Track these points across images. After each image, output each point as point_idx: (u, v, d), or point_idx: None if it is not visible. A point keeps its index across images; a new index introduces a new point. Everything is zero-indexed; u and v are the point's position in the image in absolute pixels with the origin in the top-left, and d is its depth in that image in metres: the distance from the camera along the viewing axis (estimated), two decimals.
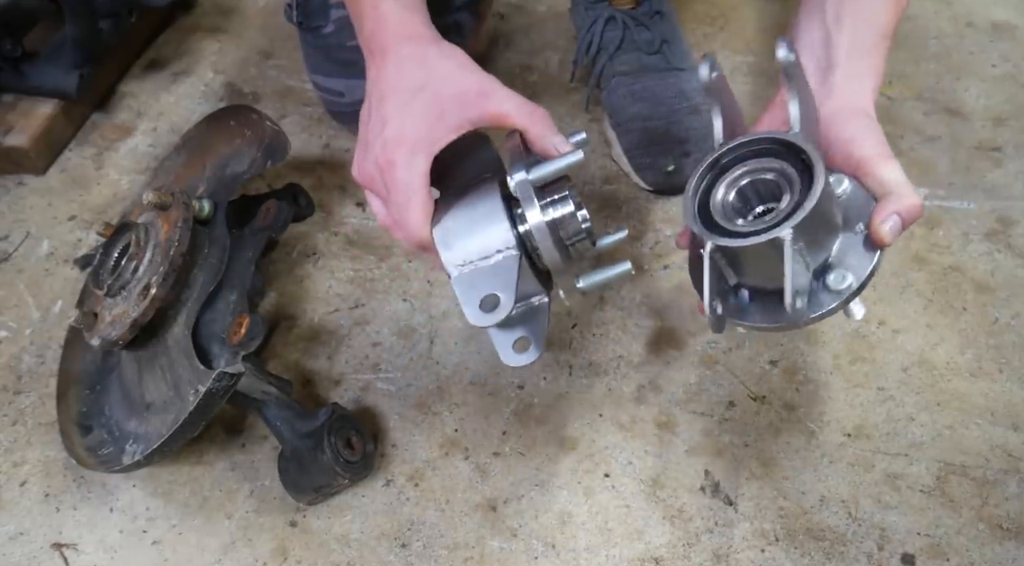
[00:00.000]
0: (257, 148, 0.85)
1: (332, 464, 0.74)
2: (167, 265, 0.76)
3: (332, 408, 0.78)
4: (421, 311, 0.92)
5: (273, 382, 0.77)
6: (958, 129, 1.03)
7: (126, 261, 0.79)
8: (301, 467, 0.76)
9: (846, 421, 0.80)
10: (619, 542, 0.75)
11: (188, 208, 0.79)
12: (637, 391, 0.84)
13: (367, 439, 0.79)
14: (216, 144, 0.90)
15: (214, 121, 0.93)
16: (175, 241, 0.77)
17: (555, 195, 0.65)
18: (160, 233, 0.78)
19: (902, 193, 0.61)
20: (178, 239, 0.77)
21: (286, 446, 0.77)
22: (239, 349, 0.73)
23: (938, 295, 0.88)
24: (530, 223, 0.63)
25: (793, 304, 0.57)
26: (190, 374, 0.73)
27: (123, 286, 0.78)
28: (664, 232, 0.96)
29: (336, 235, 0.99)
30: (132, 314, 0.75)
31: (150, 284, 0.76)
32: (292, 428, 0.77)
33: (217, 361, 0.75)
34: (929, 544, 0.73)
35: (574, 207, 0.65)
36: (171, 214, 0.79)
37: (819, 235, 0.59)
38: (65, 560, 0.77)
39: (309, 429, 0.76)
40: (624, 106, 1.00)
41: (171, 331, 0.77)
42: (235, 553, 0.77)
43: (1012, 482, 0.76)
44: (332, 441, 0.75)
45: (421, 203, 0.66)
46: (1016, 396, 0.81)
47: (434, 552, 0.76)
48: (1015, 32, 1.13)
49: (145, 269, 0.77)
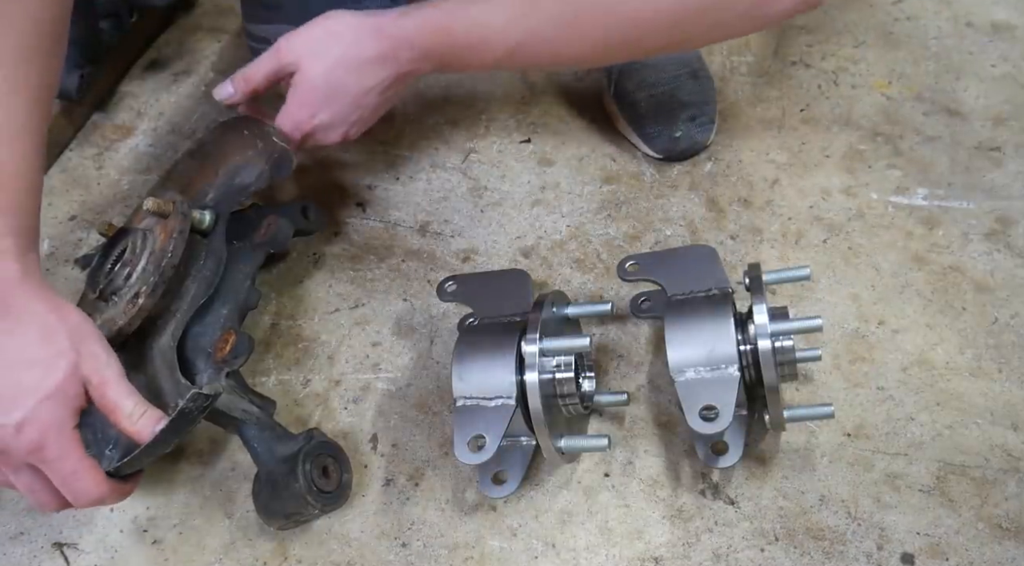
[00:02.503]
0: (266, 161, 0.85)
1: (304, 492, 0.73)
2: (158, 276, 0.75)
3: (311, 433, 0.77)
4: (421, 311, 0.92)
5: (255, 401, 0.76)
6: (958, 129, 1.03)
7: (120, 267, 0.78)
8: (274, 492, 0.74)
9: (846, 421, 0.80)
10: (619, 542, 0.75)
11: (186, 219, 0.79)
12: (637, 391, 0.84)
13: (344, 468, 0.78)
14: (229, 152, 0.89)
15: (228, 129, 0.92)
16: (168, 252, 0.76)
17: (563, 358, 0.75)
18: (157, 242, 0.78)
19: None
20: (171, 250, 0.76)
21: (262, 468, 0.75)
22: (223, 366, 0.72)
23: (938, 295, 0.88)
24: (527, 382, 0.70)
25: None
26: (171, 387, 0.73)
27: (114, 291, 0.77)
28: (664, 232, 0.96)
29: (336, 235, 0.99)
30: (119, 322, 0.75)
31: (139, 293, 0.75)
32: (269, 450, 0.75)
33: (201, 376, 0.74)
34: (928, 544, 0.73)
35: (574, 375, 0.75)
36: (169, 223, 0.78)
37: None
38: (66, 559, 0.77)
39: (286, 453, 0.75)
40: (629, 75, 1.02)
41: (158, 341, 0.76)
42: (235, 553, 0.77)
43: (1012, 482, 0.76)
44: (307, 469, 0.74)
45: (91, 464, 0.66)
46: (1016, 396, 0.81)
47: (434, 552, 0.76)
48: (1015, 32, 1.13)
49: (137, 277, 0.77)
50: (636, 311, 0.88)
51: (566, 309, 0.80)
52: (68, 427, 0.64)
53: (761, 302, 0.71)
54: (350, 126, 0.88)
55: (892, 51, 1.12)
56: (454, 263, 0.96)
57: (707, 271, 0.80)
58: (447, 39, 0.82)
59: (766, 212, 0.96)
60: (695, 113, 1.00)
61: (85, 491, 0.65)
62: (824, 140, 1.03)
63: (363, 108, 0.86)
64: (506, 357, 0.72)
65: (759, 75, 1.11)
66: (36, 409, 0.63)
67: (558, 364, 0.75)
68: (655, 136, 1.00)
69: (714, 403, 0.68)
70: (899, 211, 0.95)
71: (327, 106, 0.85)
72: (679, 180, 1.01)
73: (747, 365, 0.73)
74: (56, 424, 0.63)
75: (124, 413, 0.66)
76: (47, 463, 0.64)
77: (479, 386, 0.72)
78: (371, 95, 0.85)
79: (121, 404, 0.66)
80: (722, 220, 0.96)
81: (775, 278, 0.77)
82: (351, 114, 0.86)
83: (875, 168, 0.99)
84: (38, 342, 0.64)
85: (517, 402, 0.71)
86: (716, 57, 1.11)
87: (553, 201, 1.00)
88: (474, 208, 1.00)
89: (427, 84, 1.13)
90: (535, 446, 0.75)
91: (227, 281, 0.80)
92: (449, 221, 0.99)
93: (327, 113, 0.85)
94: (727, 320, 0.73)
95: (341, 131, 0.88)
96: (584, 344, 0.72)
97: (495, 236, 0.98)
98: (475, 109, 1.11)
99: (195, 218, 0.80)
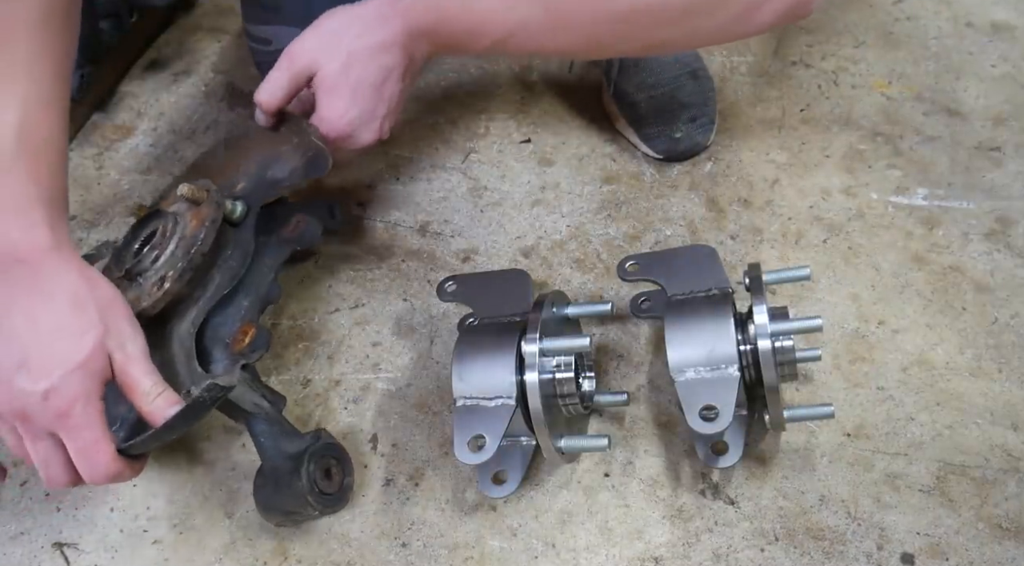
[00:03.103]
0: (300, 158, 0.84)
1: (306, 492, 0.73)
2: (186, 262, 0.75)
3: (318, 434, 0.77)
4: (421, 311, 0.92)
5: (267, 396, 0.76)
6: (958, 129, 1.03)
7: (148, 249, 0.78)
8: (276, 488, 0.74)
9: (846, 421, 0.80)
10: (619, 542, 0.75)
11: (219, 208, 0.78)
12: (637, 391, 0.84)
13: (348, 471, 0.78)
14: (262, 144, 0.88)
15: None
16: (199, 239, 0.76)
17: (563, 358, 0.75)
18: (187, 228, 0.77)
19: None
20: (202, 238, 0.76)
21: (267, 463, 0.75)
22: (240, 358, 0.72)
23: (937, 295, 0.88)
24: (527, 382, 0.71)
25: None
26: (186, 373, 0.73)
27: (140, 272, 0.77)
28: (664, 232, 0.96)
29: (336, 235, 0.99)
30: (143, 303, 0.75)
31: (165, 277, 0.75)
32: (276, 446, 0.75)
33: (216, 365, 0.74)
34: (928, 544, 0.73)
35: (574, 375, 0.75)
36: (202, 211, 0.78)
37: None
38: (66, 559, 0.77)
39: (292, 451, 0.75)
40: (628, 76, 1.02)
41: (178, 327, 0.77)
42: (235, 553, 0.77)
43: (1012, 482, 0.76)
44: (311, 469, 0.74)
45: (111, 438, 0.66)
46: (1015, 396, 0.81)
47: (434, 552, 0.76)
48: (1014, 32, 1.13)
49: (165, 261, 0.76)
50: (636, 311, 0.88)
51: (566, 309, 0.80)
52: (95, 397, 0.64)
53: (761, 302, 0.71)
54: (381, 121, 0.86)
55: (892, 51, 1.12)
56: (454, 263, 0.96)
57: (707, 271, 0.80)
58: (444, 20, 0.82)
59: (766, 212, 0.96)
60: (695, 114, 1.00)
61: (103, 464, 0.65)
62: (824, 140, 1.03)
63: (387, 99, 0.85)
64: (506, 357, 0.73)
65: (759, 75, 1.11)
66: (65, 378, 0.63)
67: (558, 364, 0.75)
68: (655, 137, 1.01)
69: (714, 403, 0.68)
70: (899, 211, 0.95)
71: (353, 102, 0.83)
72: (679, 180, 1.01)
73: (747, 365, 0.73)
74: (84, 394, 0.64)
75: (142, 391, 0.66)
76: (69, 431, 0.64)
77: (479, 386, 0.72)
78: (390, 83, 0.84)
79: (140, 382, 0.66)
80: (722, 220, 0.96)
81: (775, 278, 0.77)
82: (378, 107, 0.85)
83: (875, 168, 0.99)
84: (69, 312, 0.65)
85: (517, 402, 0.71)
86: (716, 57, 1.11)
87: (553, 201, 1.00)
88: (474, 208, 1.01)
89: (427, 84, 1.13)
90: (535, 446, 0.75)
91: (251, 274, 0.79)
92: (449, 221, 1.00)
93: (355, 109, 0.83)
94: (727, 320, 0.73)
95: (374, 128, 0.86)
96: (584, 344, 0.73)
97: (495, 236, 0.98)
98: (475, 109, 1.11)
99: (227, 208, 0.80)
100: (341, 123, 0.84)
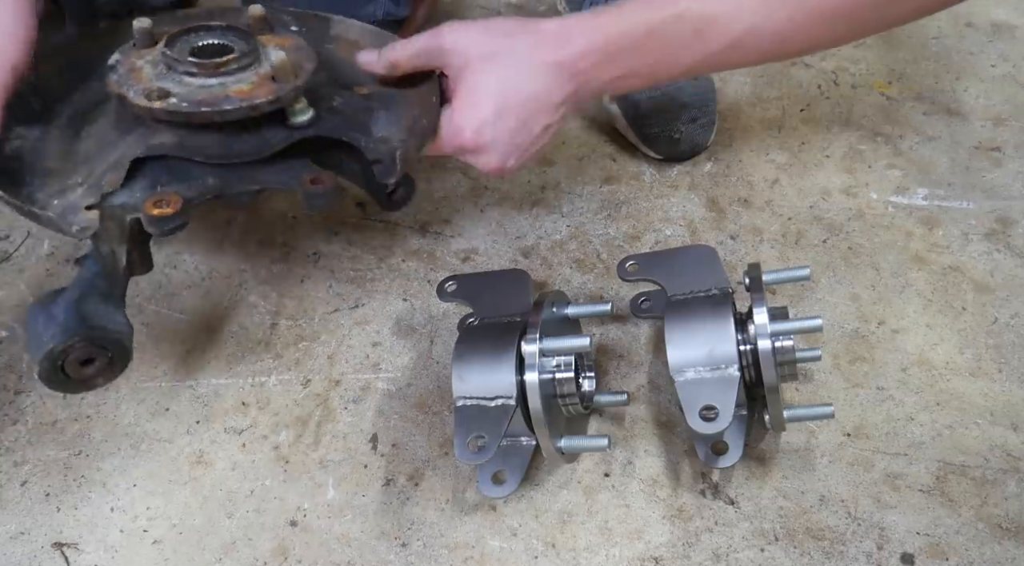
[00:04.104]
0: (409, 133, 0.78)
1: (46, 358, 0.63)
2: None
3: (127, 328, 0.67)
4: (421, 311, 0.92)
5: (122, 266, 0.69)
6: (958, 129, 1.03)
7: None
8: (43, 326, 0.64)
9: (846, 421, 0.80)
10: (619, 542, 0.75)
11: (301, 75, 0.74)
12: (637, 391, 0.84)
13: (110, 376, 0.68)
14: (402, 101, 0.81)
15: (428, 78, 0.83)
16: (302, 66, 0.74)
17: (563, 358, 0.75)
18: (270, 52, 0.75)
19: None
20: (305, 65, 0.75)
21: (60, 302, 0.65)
22: (152, 224, 0.67)
23: (937, 295, 0.88)
24: (527, 382, 0.71)
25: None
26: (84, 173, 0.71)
27: (244, 67, 0.73)
28: (664, 232, 0.96)
29: (336, 235, 0.99)
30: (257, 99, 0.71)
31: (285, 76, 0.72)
32: (84, 300, 0.66)
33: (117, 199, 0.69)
34: (928, 543, 0.73)
35: (574, 375, 0.75)
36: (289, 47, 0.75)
37: None
38: (66, 559, 0.77)
39: (96, 321, 0.65)
40: None
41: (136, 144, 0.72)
42: (235, 553, 0.77)
43: (1011, 482, 0.76)
44: (71, 345, 0.64)
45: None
46: (1015, 396, 0.81)
47: (434, 552, 0.76)
48: (1015, 32, 1.13)
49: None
50: (636, 311, 0.88)
51: (566, 309, 0.80)
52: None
53: (761, 302, 0.71)
54: (509, 156, 0.78)
55: (892, 51, 1.12)
56: (454, 263, 0.96)
57: (707, 271, 0.80)
58: (626, 76, 0.77)
59: (766, 212, 0.96)
60: (695, 114, 1.00)
61: None
62: (824, 140, 1.03)
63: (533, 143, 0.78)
64: (506, 357, 0.73)
65: (759, 75, 1.11)
66: None
67: (558, 364, 0.75)
68: (655, 137, 1.01)
69: (714, 403, 0.69)
70: (899, 211, 0.95)
71: (493, 123, 0.76)
72: (679, 180, 1.01)
73: (747, 365, 0.73)
74: None
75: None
76: None
77: (479, 386, 0.72)
78: (546, 133, 0.79)
79: None
80: (722, 220, 0.96)
81: (775, 278, 0.77)
82: (518, 137, 0.77)
83: (875, 168, 0.99)
84: None
85: (517, 402, 0.71)
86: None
87: (553, 201, 1.00)
88: (474, 208, 1.01)
89: None
90: (535, 446, 0.75)
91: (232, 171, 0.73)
92: (449, 221, 1.00)
93: (490, 131, 0.76)
94: (727, 320, 0.73)
95: (497, 159, 0.78)
96: (584, 344, 0.73)
97: (495, 236, 0.98)
98: None
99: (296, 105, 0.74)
100: (468, 132, 0.77)
